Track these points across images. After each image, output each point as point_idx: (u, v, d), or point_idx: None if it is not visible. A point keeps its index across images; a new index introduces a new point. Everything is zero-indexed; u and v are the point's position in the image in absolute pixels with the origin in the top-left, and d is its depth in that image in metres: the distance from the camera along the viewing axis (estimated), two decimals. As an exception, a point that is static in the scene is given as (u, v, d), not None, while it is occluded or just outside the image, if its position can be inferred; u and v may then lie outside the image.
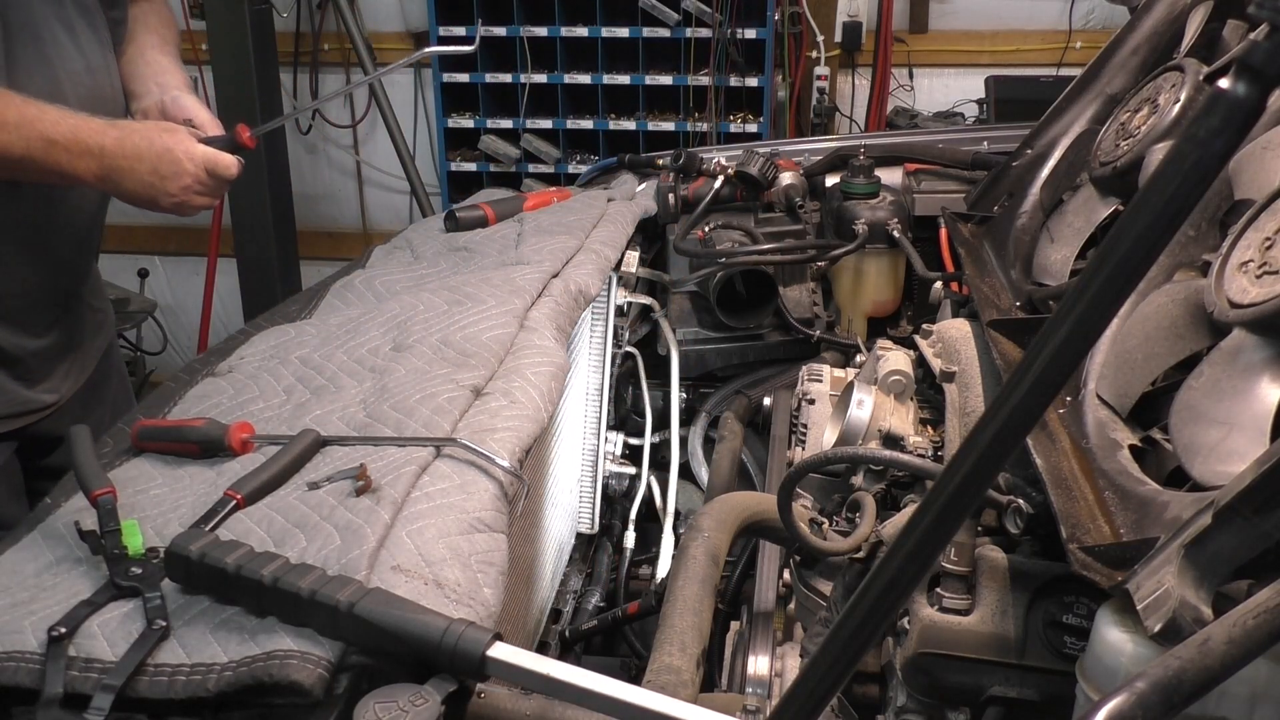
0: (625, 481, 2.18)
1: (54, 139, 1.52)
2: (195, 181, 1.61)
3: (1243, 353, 1.03)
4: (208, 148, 1.63)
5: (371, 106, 4.84)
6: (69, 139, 1.53)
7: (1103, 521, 1.03)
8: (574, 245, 1.93)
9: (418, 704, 0.88)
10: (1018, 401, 0.61)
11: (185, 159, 1.59)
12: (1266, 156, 1.22)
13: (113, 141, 1.56)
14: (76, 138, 1.53)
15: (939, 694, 1.10)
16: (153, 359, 4.87)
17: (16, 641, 0.95)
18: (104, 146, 1.55)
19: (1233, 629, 0.70)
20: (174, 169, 1.59)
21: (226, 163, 1.64)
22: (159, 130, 1.62)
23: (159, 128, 1.63)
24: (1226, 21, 1.63)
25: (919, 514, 0.67)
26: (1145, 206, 0.57)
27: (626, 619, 1.80)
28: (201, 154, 1.62)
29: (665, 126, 4.34)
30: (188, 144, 1.61)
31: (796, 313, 2.22)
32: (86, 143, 1.54)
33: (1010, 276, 1.68)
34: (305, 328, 1.65)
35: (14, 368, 1.80)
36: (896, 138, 2.68)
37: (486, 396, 1.39)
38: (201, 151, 1.62)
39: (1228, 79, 0.54)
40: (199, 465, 1.27)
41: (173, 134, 1.62)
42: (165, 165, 1.58)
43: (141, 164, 1.57)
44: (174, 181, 1.59)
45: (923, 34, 4.63)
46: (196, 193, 1.63)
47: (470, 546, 1.11)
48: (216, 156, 1.63)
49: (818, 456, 1.27)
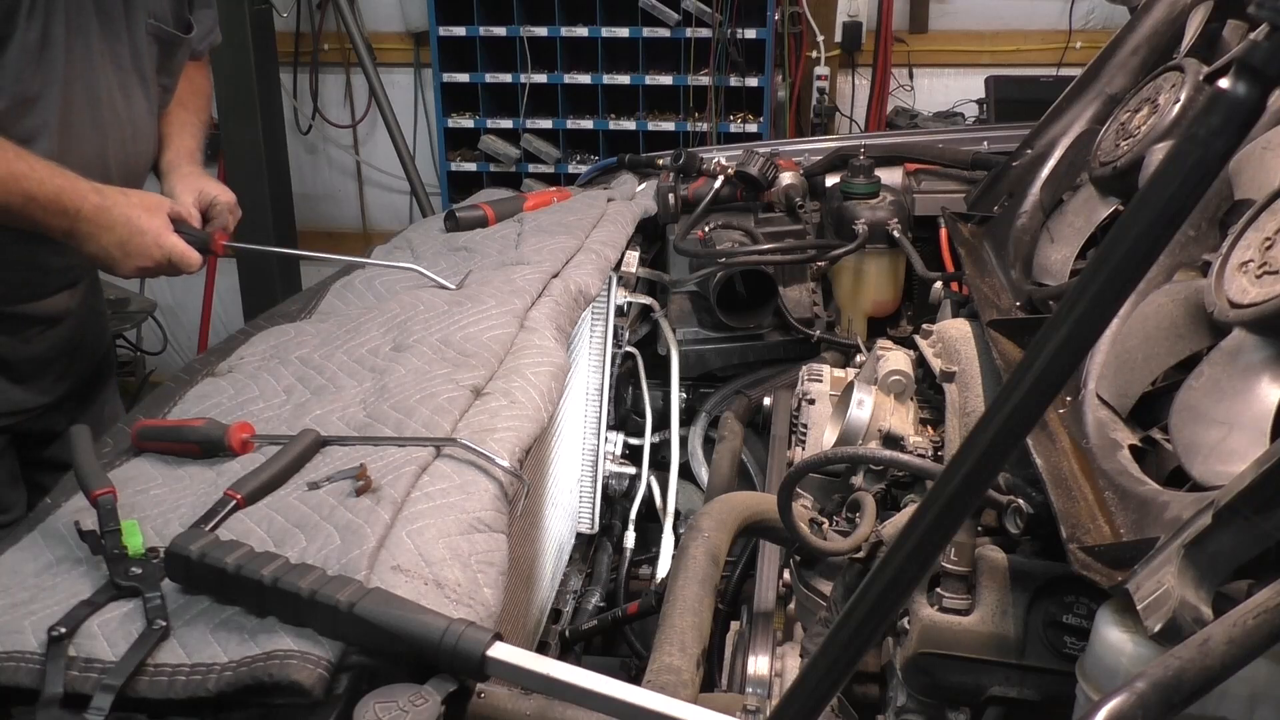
0: (625, 481, 2.18)
1: (34, 196, 1.55)
2: (155, 265, 1.65)
3: (1243, 353, 1.03)
4: (179, 240, 1.67)
5: (371, 106, 4.84)
6: (49, 198, 1.56)
7: (1103, 521, 1.03)
8: (574, 245, 1.93)
9: (418, 704, 0.88)
10: (1018, 401, 0.61)
11: (154, 245, 1.64)
12: (1266, 156, 1.22)
13: (91, 208, 1.59)
14: (57, 198, 1.57)
15: (939, 694, 1.10)
16: (153, 359, 4.87)
17: (16, 641, 0.95)
18: (80, 210, 1.58)
19: (1233, 629, 0.70)
20: (140, 249, 1.63)
21: (189, 260, 1.68)
22: (141, 208, 1.65)
23: (143, 205, 1.65)
24: (1226, 21, 1.63)
25: (919, 514, 0.67)
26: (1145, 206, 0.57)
27: (626, 619, 1.80)
28: (170, 244, 1.65)
29: (665, 126, 4.34)
30: (161, 230, 1.65)
31: (796, 313, 2.21)
32: (64, 204, 1.57)
33: (1010, 276, 1.68)
34: (305, 328, 1.65)
35: (7, 370, 1.81)
36: (896, 138, 2.68)
37: (486, 396, 1.39)
38: (171, 242, 1.65)
39: (1228, 79, 0.54)
40: (199, 465, 1.27)
41: (152, 216, 1.65)
42: (133, 243, 1.62)
43: (111, 234, 1.61)
44: (135, 260, 1.63)
45: (923, 34, 4.63)
46: (151, 273, 1.68)
47: (470, 546, 1.11)
48: (184, 252, 1.67)
49: (818, 456, 1.27)
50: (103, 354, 2.07)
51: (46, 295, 1.83)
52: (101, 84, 1.71)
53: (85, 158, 1.65)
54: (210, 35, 2.03)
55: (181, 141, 1.94)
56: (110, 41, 1.72)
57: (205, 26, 1.99)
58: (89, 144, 1.70)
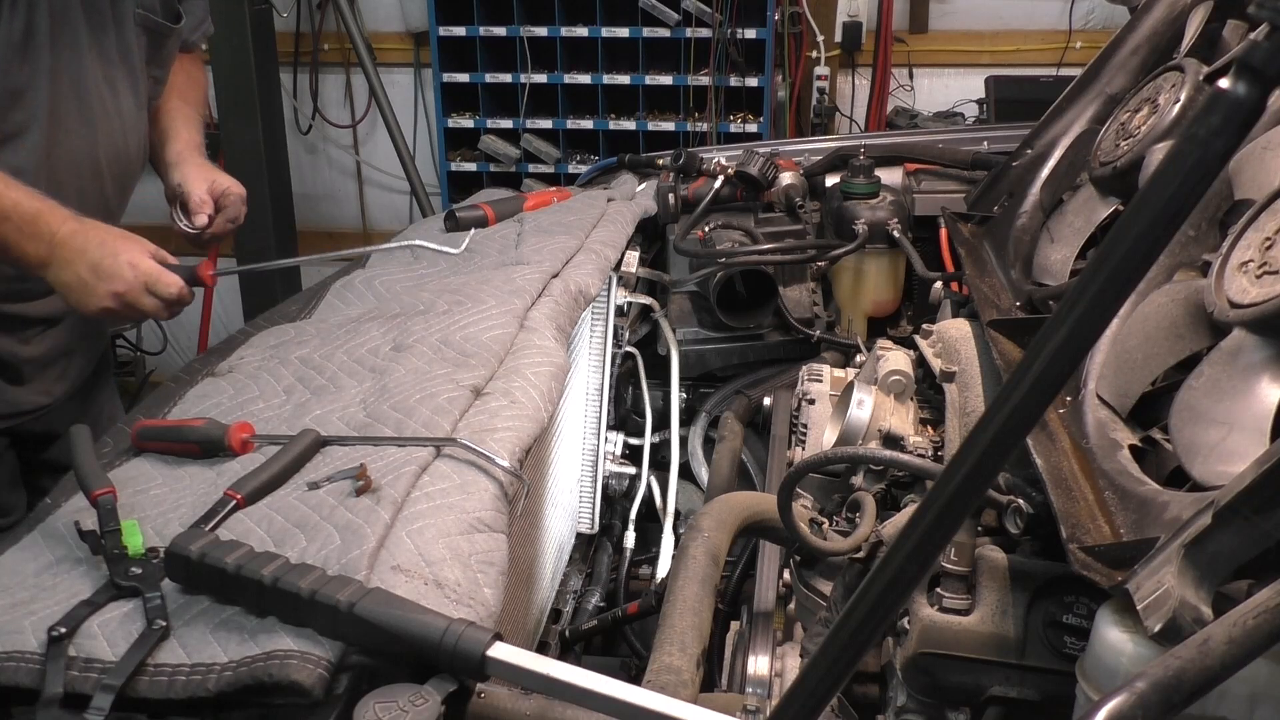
0: (625, 481, 2.18)
1: (9, 217, 1.50)
2: (128, 290, 1.54)
3: (1243, 353, 1.03)
4: (157, 265, 1.57)
5: (371, 106, 4.84)
6: (25, 219, 1.51)
7: (1103, 521, 1.03)
8: (574, 245, 1.93)
9: (418, 704, 0.88)
10: (1018, 401, 0.61)
11: (127, 266, 1.54)
12: (1266, 156, 1.22)
13: (67, 233, 1.53)
14: (34, 221, 1.52)
15: (939, 694, 1.10)
16: (153, 359, 4.87)
17: (16, 641, 0.95)
18: (55, 234, 1.53)
19: (1233, 629, 0.70)
20: (112, 271, 1.53)
21: (167, 281, 1.57)
22: (117, 235, 1.58)
23: (119, 234, 1.58)
24: (1226, 21, 1.63)
25: (919, 514, 0.67)
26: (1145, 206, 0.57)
27: (626, 619, 1.80)
28: (147, 268, 1.55)
29: (665, 126, 4.34)
30: (137, 255, 1.56)
31: (796, 313, 2.21)
32: (40, 228, 1.52)
33: (1010, 276, 1.68)
34: (305, 328, 1.65)
35: (6, 372, 1.80)
36: (896, 138, 2.68)
37: (486, 396, 1.39)
38: (148, 266, 1.56)
39: (1228, 79, 0.54)
40: (199, 465, 1.27)
41: (128, 242, 1.57)
42: (105, 264, 1.53)
43: (83, 259, 1.53)
44: (107, 283, 1.53)
45: (923, 34, 4.63)
46: (127, 302, 1.55)
47: (470, 546, 1.11)
48: (160, 274, 1.56)
49: (818, 456, 1.27)
50: (100, 354, 2.07)
51: (42, 295, 1.83)
52: (89, 76, 1.69)
53: (75, 151, 1.63)
54: (203, 25, 2.03)
55: (187, 134, 1.93)
56: (98, 33, 1.70)
57: (196, 17, 1.97)
58: (78, 136, 1.69)
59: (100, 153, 1.74)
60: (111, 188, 1.81)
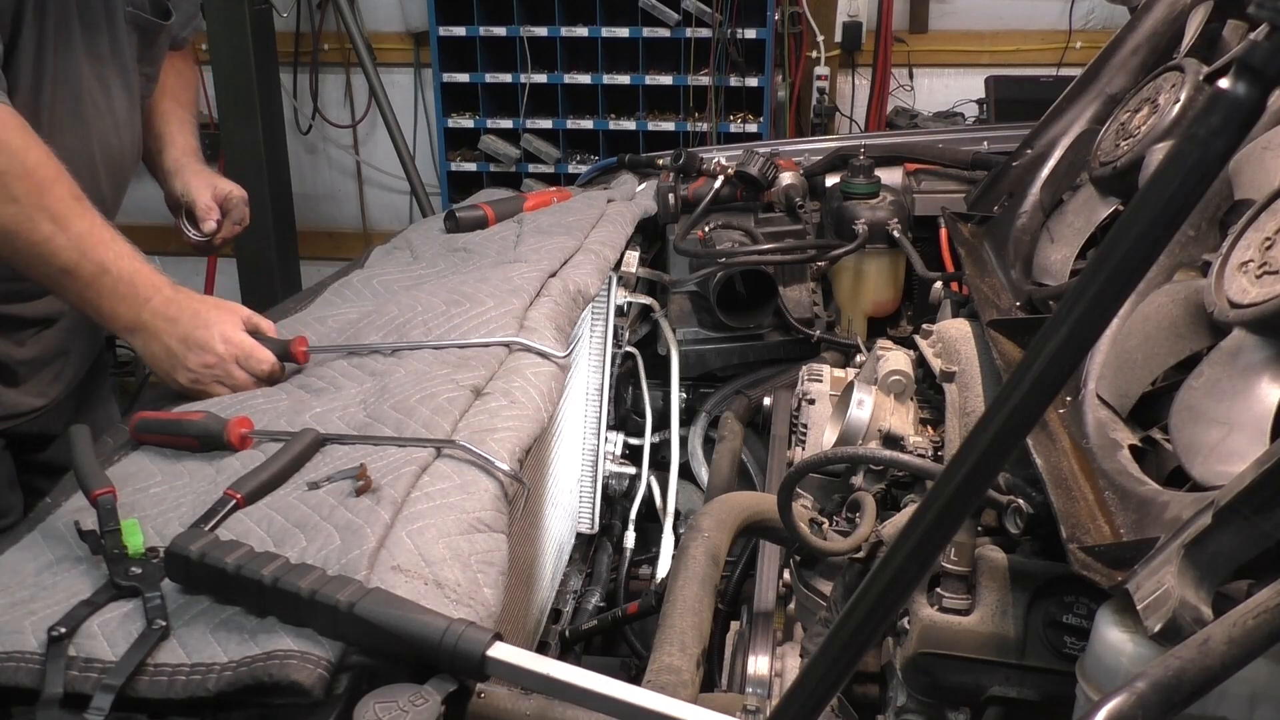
0: (625, 481, 2.18)
1: (109, 269, 1.43)
2: (219, 363, 1.47)
3: (1243, 353, 1.03)
4: (250, 339, 1.49)
5: (371, 106, 4.84)
6: (125, 276, 1.44)
7: (1103, 521, 1.03)
8: (573, 245, 1.93)
9: (418, 704, 0.88)
10: (1018, 401, 0.61)
11: (219, 339, 1.46)
12: (1266, 156, 1.22)
13: (161, 301, 1.46)
14: (133, 280, 1.45)
15: (939, 694, 1.10)
16: (153, 359, 4.87)
17: (16, 641, 0.95)
18: (149, 301, 1.46)
19: (1233, 629, 0.70)
20: (204, 343, 1.46)
21: (260, 357, 1.48)
22: (211, 305, 1.51)
23: (213, 304, 1.52)
24: (1226, 21, 1.63)
25: (919, 514, 0.67)
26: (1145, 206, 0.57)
27: (626, 619, 1.80)
28: (239, 340, 1.48)
29: (665, 126, 4.34)
30: (230, 327, 1.48)
31: (796, 313, 2.21)
32: (139, 287, 1.45)
33: (1010, 276, 1.68)
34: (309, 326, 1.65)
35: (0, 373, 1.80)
36: (896, 138, 2.68)
37: (486, 396, 1.39)
38: (240, 339, 1.48)
39: (1228, 79, 0.54)
40: (198, 462, 1.27)
41: (221, 312, 1.50)
42: (197, 336, 1.46)
43: (174, 329, 1.46)
44: (197, 355, 1.46)
45: (923, 34, 4.63)
46: (216, 376, 1.47)
47: (470, 546, 1.11)
48: (253, 349, 1.48)
49: (818, 456, 1.27)
50: (97, 356, 2.07)
51: (37, 296, 1.82)
52: (81, 80, 1.69)
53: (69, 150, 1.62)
54: (193, 22, 2.02)
55: (183, 140, 1.93)
56: (90, 32, 1.69)
57: (186, 13, 1.96)
58: (73, 135, 1.67)
59: (95, 151, 1.73)
60: (107, 186, 1.81)
